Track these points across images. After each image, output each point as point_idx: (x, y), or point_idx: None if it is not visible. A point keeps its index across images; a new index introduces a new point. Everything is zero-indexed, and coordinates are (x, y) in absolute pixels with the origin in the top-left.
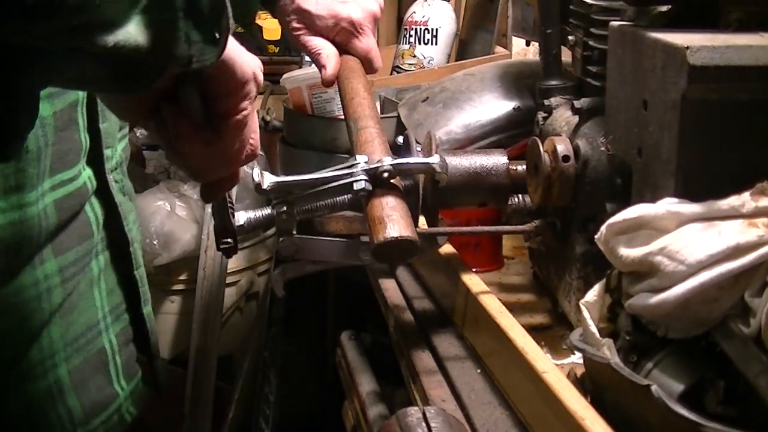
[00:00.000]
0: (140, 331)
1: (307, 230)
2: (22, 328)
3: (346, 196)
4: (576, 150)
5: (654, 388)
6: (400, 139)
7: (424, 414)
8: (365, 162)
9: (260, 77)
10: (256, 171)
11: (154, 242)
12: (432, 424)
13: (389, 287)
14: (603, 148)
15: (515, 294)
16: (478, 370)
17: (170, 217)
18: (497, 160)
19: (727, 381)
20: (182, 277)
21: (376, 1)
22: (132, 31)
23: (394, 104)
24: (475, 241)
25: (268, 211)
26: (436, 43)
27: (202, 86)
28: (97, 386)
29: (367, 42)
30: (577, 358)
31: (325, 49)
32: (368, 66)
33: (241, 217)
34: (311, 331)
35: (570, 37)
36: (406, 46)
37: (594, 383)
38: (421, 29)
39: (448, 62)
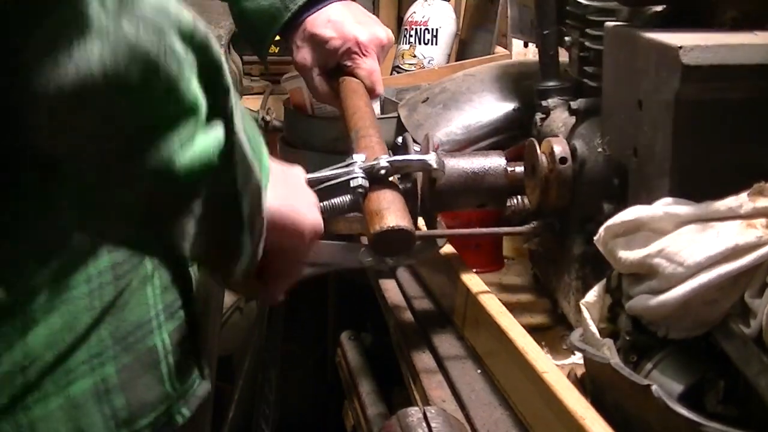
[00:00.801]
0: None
1: None
2: (71, 325)
3: (345, 197)
4: (573, 151)
5: (654, 387)
6: (400, 139)
7: (424, 414)
8: (362, 160)
9: (320, 228)
10: None
11: None
12: (432, 425)
13: (389, 287)
14: (599, 149)
15: (516, 294)
16: (479, 371)
17: None
18: (495, 161)
19: (727, 381)
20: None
21: (385, 31)
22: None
23: (394, 104)
24: (475, 242)
25: None
26: (436, 43)
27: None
28: (146, 386)
29: (370, 65)
30: (577, 358)
31: (324, 90)
32: (370, 90)
33: None
34: (311, 331)
35: (567, 38)
36: (406, 46)
37: (594, 383)
38: (421, 29)
39: (448, 62)
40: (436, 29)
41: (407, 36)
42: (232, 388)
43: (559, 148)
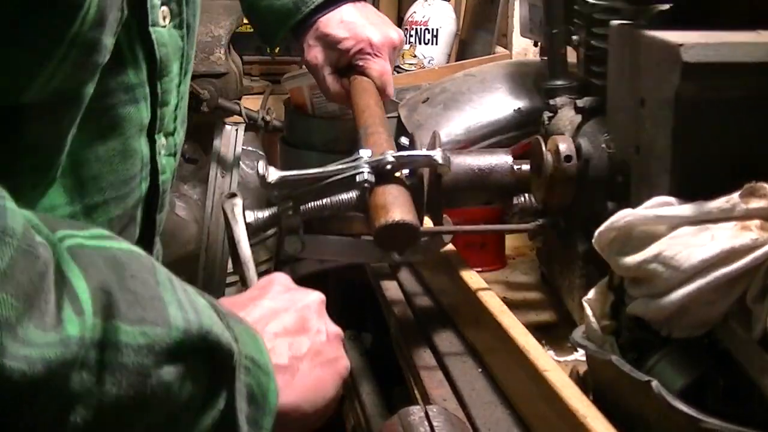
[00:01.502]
0: None
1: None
2: None
3: (351, 194)
4: (578, 149)
5: (654, 384)
6: (404, 140)
7: (426, 413)
8: (368, 155)
9: (333, 405)
10: (261, 164)
11: None
12: (434, 423)
13: (390, 287)
14: (603, 146)
15: (522, 292)
16: (479, 369)
17: (170, 216)
18: (502, 159)
19: (728, 378)
20: (182, 277)
21: (397, 32)
22: None
23: (394, 104)
24: (480, 241)
25: (274, 210)
26: (436, 43)
27: None
28: None
29: (382, 65)
30: (580, 355)
31: (335, 89)
32: (381, 90)
33: (248, 216)
34: None
35: (574, 37)
36: (407, 46)
37: (596, 380)
38: (421, 29)
39: (448, 62)
40: (436, 29)
41: (407, 36)
42: None
43: (564, 146)
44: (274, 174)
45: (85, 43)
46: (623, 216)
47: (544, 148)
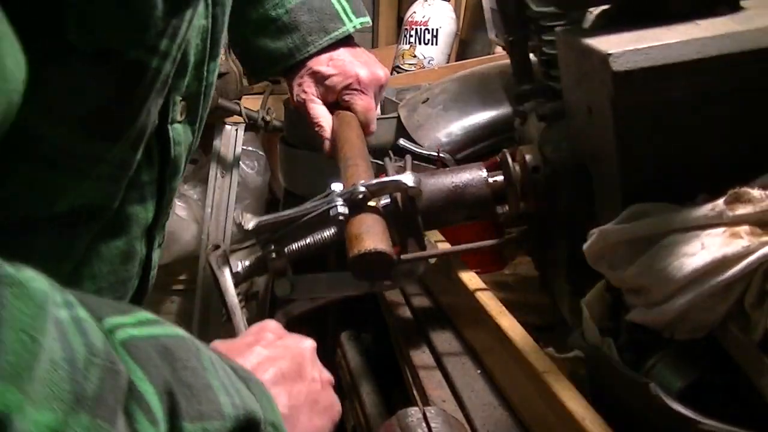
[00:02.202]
0: None
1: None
2: None
3: (332, 230)
4: (545, 157)
5: (652, 385)
6: (402, 141)
7: (424, 414)
8: (340, 189)
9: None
10: (237, 213)
11: None
12: (432, 425)
13: None
14: (566, 154)
15: (521, 293)
16: (478, 371)
17: (170, 216)
18: (475, 173)
19: (727, 379)
20: (182, 277)
21: (383, 71)
22: None
23: (394, 105)
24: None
25: (259, 256)
26: (436, 43)
27: None
28: None
29: (368, 101)
30: (578, 356)
31: (326, 120)
32: (365, 125)
33: (235, 265)
34: (311, 331)
35: (530, 43)
36: (406, 46)
37: (594, 381)
38: (421, 29)
39: (448, 62)
40: (436, 29)
41: (407, 36)
42: None
43: (530, 157)
44: (250, 221)
45: (122, 159)
46: (606, 231)
47: (510, 161)
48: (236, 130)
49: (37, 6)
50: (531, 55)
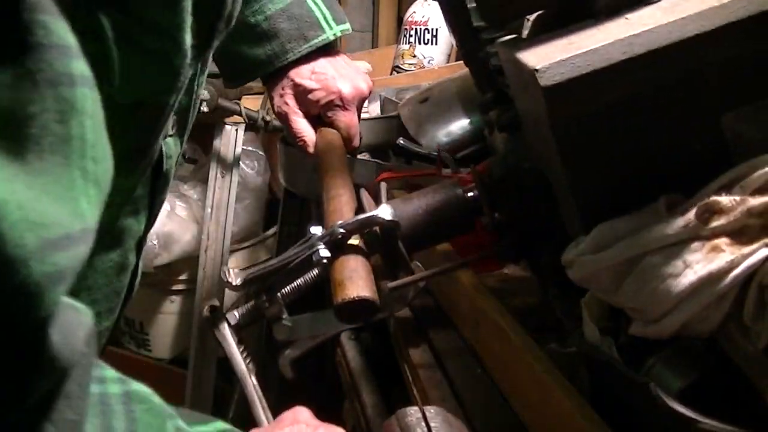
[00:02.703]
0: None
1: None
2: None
3: (313, 272)
4: (510, 167)
5: (652, 385)
6: (402, 141)
7: (423, 414)
8: (320, 232)
9: None
10: (225, 269)
11: (154, 242)
12: (432, 424)
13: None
14: (526, 164)
15: (521, 293)
16: (478, 370)
17: (170, 217)
18: (451, 191)
19: (726, 379)
20: (182, 277)
21: (366, 83)
22: None
23: (394, 104)
24: (478, 243)
25: (254, 303)
26: (436, 43)
27: None
28: None
29: (350, 118)
30: (578, 356)
31: (309, 134)
32: (347, 141)
33: (231, 317)
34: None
35: (479, 54)
36: (406, 46)
37: (594, 381)
38: (421, 29)
39: (448, 62)
40: (436, 29)
41: (407, 36)
42: (232, 388)
43: (496, 170)
44: (237, 277)
45: (132, 185)
46: (583, 261)
47: (478, 176)
48: (236, 130)
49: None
50: None
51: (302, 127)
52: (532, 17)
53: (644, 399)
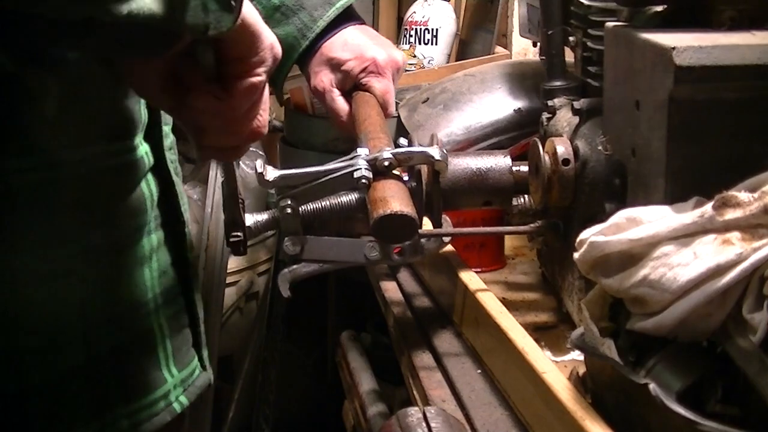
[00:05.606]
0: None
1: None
2: (65, 296)
3: (351, 196)
4: (576, 151)
5: (652, 386)
6: (402, 140)
7: (424, 414)
8: (366, 153)
9: (278, 50)
10: (259, 163)
11: None
12: (432, 425)
13: (389, 287)
14: (600, 148)
15: (522, 293)
16: (479, 371)
17: None
18: (500, 160)
19: (726, 380)
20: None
21: (401, 55)
22: (146, 0)
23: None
24: (480, 242)
25: (272, 213)
26: (436, 43)
27: (219, 47)
28: (141, 369)
29: (386, 84)
30: (577, 355)
31: (344, 112)
32: (383, 107)
33: (248, 220)
34: (311, 331)
35: (571, 38)
36: (406, 46)
37: (594, 382)
38: (421, 29)
39: (448, 62)
40: (436, 29)
41: (407, 36)
42: (232, 388)
43: (562, 148)
44: (272, 173)
45: None
46: (596, 242)
47: (541, 151)
48: None
49: None
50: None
51: (339, 104)
52: (649, 11)
53: (644, 400)
